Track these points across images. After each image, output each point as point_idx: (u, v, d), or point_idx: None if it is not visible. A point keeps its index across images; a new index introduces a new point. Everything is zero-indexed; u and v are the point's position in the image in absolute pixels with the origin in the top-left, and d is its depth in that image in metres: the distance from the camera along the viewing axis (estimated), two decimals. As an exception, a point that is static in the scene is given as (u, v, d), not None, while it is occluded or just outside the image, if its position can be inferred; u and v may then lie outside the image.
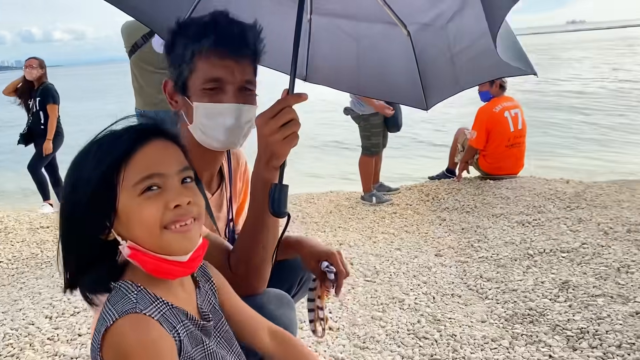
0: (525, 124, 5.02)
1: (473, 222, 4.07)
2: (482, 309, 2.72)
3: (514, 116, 4.91)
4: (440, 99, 1.72)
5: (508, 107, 4.93)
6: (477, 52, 1.45)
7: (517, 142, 4.95)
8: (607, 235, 3.37)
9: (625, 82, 15.65)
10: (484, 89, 5.01)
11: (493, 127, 4.87)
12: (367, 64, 1.77)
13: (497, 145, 4.90)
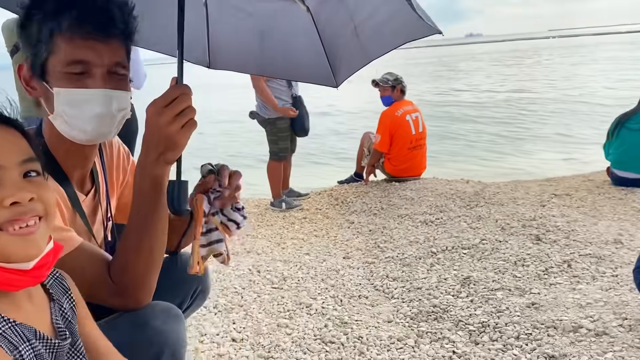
0: (425, 126, 5.17)
1: (380, 224, 4.10)
2: (388, 308, 2.71)
3: (415, 119, 5.04)
4: (349, 74, 1.69)
5: (409, 110, 5.05)
6: (380, 20, 1.43)
7: (419, 145, 5.08)
8: (504, 230, 3.50)
9: (512, 92, 16.80)
10: (386, 94, 5.11)
11: (396, 130, 4.96)
12: (271, 44, 1.70)
13: (401, 148, 5.00)
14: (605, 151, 4.68)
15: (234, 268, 3.31)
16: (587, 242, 3.15)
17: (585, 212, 3.89)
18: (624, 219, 3.70)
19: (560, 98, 14.43)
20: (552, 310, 2.38)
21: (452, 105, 15.12)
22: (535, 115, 12.07)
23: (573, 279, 2.70)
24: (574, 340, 2.13)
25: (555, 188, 4.65)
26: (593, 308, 2.34)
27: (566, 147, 8.44)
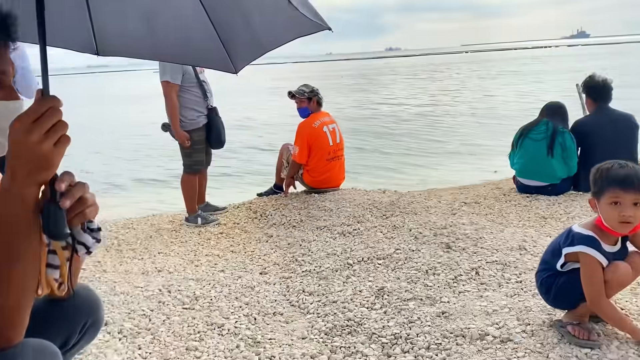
0: (342, 138, 5.21)
1: (299, 236, 4.06)
2: (303, 324, 2.66)
3: (332, 131, 5.07)
4: (247, 61, 1.70)
5: (326, 122, 5.08)
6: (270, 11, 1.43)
7: (337, 156, 5.11)
8: (417, 240, 3.57)
9: (426, 105, 17.51)
10: (302, 106, 5.10)
11: (313, 141, 4.96)
12: (161, 27, 1.64)
13: (319, 160, 5.00)
14: (511, 160, 4.91)
15: (143, 289, 3.14)
16: (494, 249, 3.27)
17: (493, 219, 4.05)
18: (528, 226, 3.89)
19: (469, 111, 15.20)
20: (460, 318, 2.43)
21: (370, 117, 15.53)
22: (447, 127, 12.61)
23: (480, 286, 2.78)
24: (481, 348, 2.17)
25: (466, 196, 4.82)
26: (499, 315, 2.41)
27: (475, 157, 8.85)
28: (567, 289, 2.07)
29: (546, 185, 4.59)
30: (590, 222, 2.08)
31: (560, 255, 2.07)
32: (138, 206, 6.27)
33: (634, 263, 2.05)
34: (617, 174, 1.95)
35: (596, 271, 1.97)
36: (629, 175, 1.94)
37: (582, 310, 2.09)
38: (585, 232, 2.02)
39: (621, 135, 4.58)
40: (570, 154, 4.52)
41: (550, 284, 2.14)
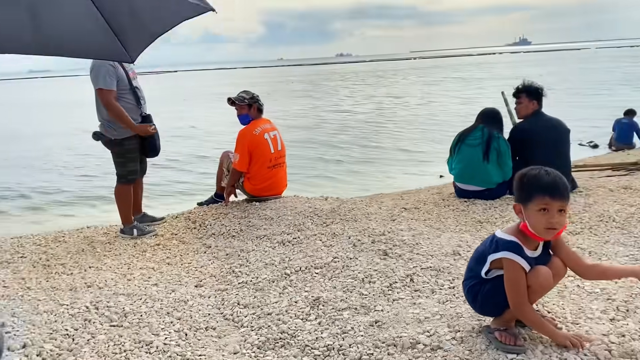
0: (284, 145, 5.16)
1: (238, 246, 3.98)
2: (236, 339, 2.58)
3: (274, 138, 5.01)
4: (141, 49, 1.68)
5: (267, 129, 5.01)
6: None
7: (279, 163, 5.05)
8: (355, 247, 3.55)
9: (372, 111, 17.74)
10: (243, 112, 5.01)
11: (254, 149, 4.89)
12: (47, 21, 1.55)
13: (260, 167, 4.93)
14: (449, 166, 4.99)
15: (69, 307, 2.98)
16: (429, 254, 3.29)
17: (431, 224, 4.09)
18: (465, 230, 3.95)
19: (413, 117, 15.52)
20: (393, 327, 2.42)
21: (316, 124, 15.60)
22: (392, 133, 12.82)
23: (414, 294, 2.78)
24: (412, 357, 2.16)
25: (407, 202, 4.87)
26: (430, 322, 2.41)
27: (421, 163, 9.01)
28: (492, 296, 2.09)
29: (483, 190, 4.69)
30: (513, 227, 2.10)
31: (485, 262, 2.09)
32: (72, 218, 6.03)
33: (555, 268, 2.09)
34: (546, 181, 1.97)
35: (519, 276, 2.00)
36: (557, 183, 1.96)
37: (508, 316, 2.11)
38: (508, 238, 2.04)
39: (558, 140, 4.73)
40: (505, 159, 4.63)
41: (476, 292, 2.15)
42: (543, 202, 1.96)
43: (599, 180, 5.49)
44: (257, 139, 4.91)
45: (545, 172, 2.00)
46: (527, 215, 2.01)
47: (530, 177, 2.00)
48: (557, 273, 2.10)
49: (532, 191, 1.98)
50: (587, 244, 3.51)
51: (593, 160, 9.06)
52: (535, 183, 1.98)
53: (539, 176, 1.99)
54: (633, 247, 3.42)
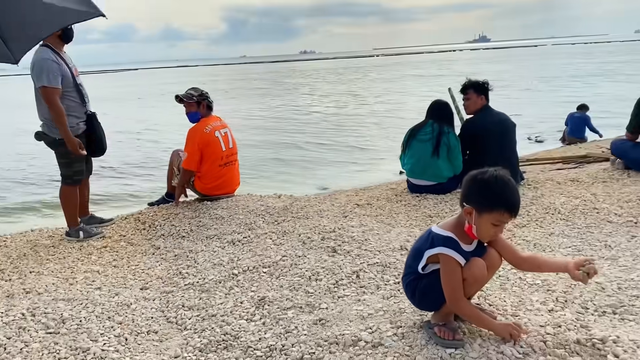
0: (235, 142, 5.08)
1: (187, 247, 3.90)
2: (178, 342, 2.51)
3: (224, 135, 4.93)
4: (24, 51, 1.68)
5: (217, 126, 4.93)
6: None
7: (231, 161, 4.98)
8: (304, 245, 3.52)
9: (332, 108, 17.79)
10: (192, 110, 4.91)
11: (205, 147, 4.79)
12: None
13: (211, 165, 4.84)
14: (402, 161, 5.01)
15: (3, 314, 2.85)
16: (377, 250, 3.29)
17: (382, 220, 4.10)
18: (415, 225, 3.97)
19: (373, 114, 15.64)
20: (337, 325, 2.40)
21: (276, 121, 15.55)
22: (351, 130, 12.87)
23: (359, 290, 2.77)
24: (353, 354, 2.14)
25: (360, 198, 4.86)
26: (373, 319, 2.39)
27: (375, 159, 9.06)
28: (430, 291, 2.09)
29: (434, 184, 4.73)
30: (450, 222, 2.10)
31: (422, 258, 2.08)
32: (15, 224, 5.81)
33: (490, 259, 2.10)
34: (513, 200, 1.93)
35: (455, 271, 2.00)
36: (518, 202, 1.95)
37: (446, 310, 2.11)
38: (444, 234, 2.04)
39: (505, 134, 4.81)
40: (455, 154, 4.68)
41: (414, 287, 2.15)
42: (502, 218, 1.95)
43: (549, 174, 5.61)
44: (208, 137, 4.82)
45: (511, 188, 1.95)
46: (478, 222, 1.98)
47: (498, 190, 1.93)
48: (492, 264, 2.12)
49: (496, 205, 1.93)
50: (533, 236, 3.57)
51: (546, 154, 9.29)
52: (502, 198, 1.93)
53: (506, 192, 1.93)
54: (576, 239, 3.50)
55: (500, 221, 1.96)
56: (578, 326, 2.15)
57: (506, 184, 1.94)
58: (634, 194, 4.27)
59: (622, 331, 2.14)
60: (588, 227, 3.68)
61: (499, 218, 1.95)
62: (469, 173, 2.05)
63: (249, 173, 8.27)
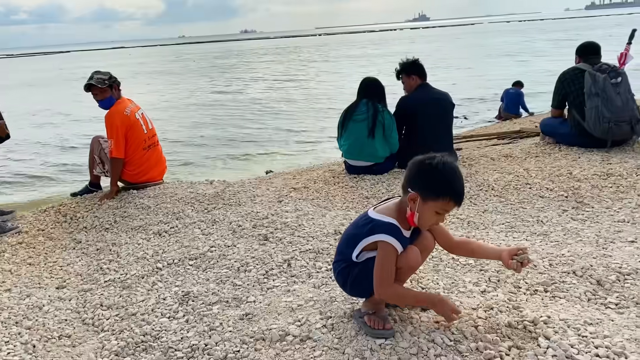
0: (152, 123, 4.79)
1: (110, 240, 3.64)
2: (92, 346, 2.31)
3: (142, 116, 4.64)
4: None
5: (134, 108, 4.61)
6: None
7: (153, 143, 4.68)
8: (235, 233, 3.35)
9: (267, 89, 17.53)
10: (106, 96, 4.50)
11: (128, 131, 4.49)
12: None
13: (135, 150, 4.54)
14: (339, 143, 4.89)
15: None
16: (310, 236, 3.16)
17: (318, 203, 3.97)
18: (351, 207, 3.86)
19: (311, 95, 15.52)
20: (264, 319, 2.26)
21: (212, 104, 15.16)
22: (285, 112, 12.70)
23: (290, 280, 2.63)
24: (280, 350, 2.01)
25: (297, 181, 4.71)
26: (302, 310, 2.27)
27: (312, 141, 8.94)
28: (362, 279, 1.98)
29: (371, 165, 4.64)
30: (390, 207, 1.97)
31: (357, 245, 1.96)
32: None
33: (424, 243, 2.01)
34: (459, 190, 1.84)
35: (391, 259, 1.89)
36: (463, 192, 1.86)
37: (377, 297, 2.01)
38: (386, 220, 1.92)
39: (442, 113, 4.76)
40: (390, 132, 4.60)
41: (346, 275, 2.03)
42: (447, 207, 1.85)
43: (484, 150, 5.65)
44: (129, 120, 4.49)
45: (459, 176, 1.85)
46: (422, 210, 1.86)
47: (445, 178, 1.83)
48: (426, 248, 2.04)
49: (442, 193, 1.83)
50: (467, 214, 3.55)
51: (482, 130, 9.45)
52: (449, 187, 1.83)
53: (454, 181, 1.83)
54: (509, 215, 3.50)
55: (444, 210, 1.86)
56: (510, 307, 2.11)
57: (454, 171, 1.84)
58: (564, 168, 4.33)
59: (553, 310, 2.11)
60: (521, 203, 3.70)
61: (443, 207, 1.85)
62: (414, 157, 1.92)
63: (177, 160, 7.99)
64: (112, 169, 4.60)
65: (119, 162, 4.55)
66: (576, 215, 3.39)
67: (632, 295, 2.24)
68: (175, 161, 7.75)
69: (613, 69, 4.68)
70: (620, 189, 3.77)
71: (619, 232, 3.06)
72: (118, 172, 4.58)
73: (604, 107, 4.58)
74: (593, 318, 2.01)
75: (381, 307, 2.04)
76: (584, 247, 2.81)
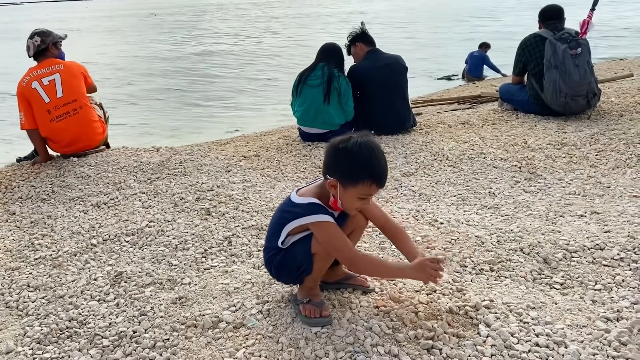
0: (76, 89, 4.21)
1: (46, 212, 3.42)
2: (14, 333, 2.15)
3: (49, 84, 4.12)
4: None
5: (40, 75, 4.15)
6: None
7: (65, 112, 4.16)
8: (176, 207, 3.18)
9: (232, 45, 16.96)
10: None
11: (28, 102, 4.13)
12: None
13: (42, 122, 4.15)
14: (293, 108, 4.72)
15: None
16: (255, 211, 3.02)
17: (268, 173, 3.82)
18: (302, 178, 3.73)
19: (269, 51, 15.11)
20: (198, 303, 2.13)
21: (172, 64, 14.61)
22: (246, 71, 12.33)
23: (229, 259, 2.50)
24: (212, 338, 1.90)
25: (249, 149, 4.54)
26: (239, 294, 2.15)
27: (271, 104, 8.69)
28: (286, 264, 1.88)
29: (326, 132, 4.49)
30: (310, 190, 1.86)
31: (282, 231, 1.84)
32: None
33: (354, 223, 1.93)
34: (377, 169, 1.71)
35: (335, 231, 1.77)
36: (385, 171, 1.73)
37: (309, 283, 1.91)
38: (307, 201, 1.80)
39: (394, 78, 4.64)
40: (346, 99, 4.45)
41: (272, 262, 1.92)
42: (369, 190, 1.72)
43: (442, 116, 5.55)
44: (25, 90, 4.12)
45: (377, 156, 1.72)
46: (343, 195, 1.75)
47: (362, 161, 1.70)
48: (359, 226, 1.94)
49: (361, 177, 1.70)
50: (419, 185, 3.46)
51: (444, 93, 9.38)
52: (368, 169, 1.70)
53: (372, 162, 1.70)
54: (462, 187, 3.44)
55: (366, 194, 1.74)
56: (453, 290, 2.04)
57: (371, 152, 1.70)
58: (520, 136, 4.29)
59: (497, 292, 2.05)
60: (474, 174, 3.64)
61: (365, 191, 1.72)
62: (330, 141, 1.80)
63: (128, 123, 7.66)
64: (34, 143, 4.34)
65: (33, 133, 4.23)
66: (528, 187, 3.36)
67: (577, 274, 2.21)
68: (123, 124, 7.46)
69: (574, 37, 4.58)
70: (573, 159, 3.75)
71: (569, 205, 3.03)
72: (38, 143, 4.27)
73: (561, 80, 4.52)
74: (536, 302, 1.96)
75: (316, 294, 1.93)
76: (533, 222, 2.77)
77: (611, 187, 3.26)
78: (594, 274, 2.19)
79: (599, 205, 2.98)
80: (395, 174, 3.67)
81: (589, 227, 2.65)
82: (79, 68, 4.35)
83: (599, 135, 4.13)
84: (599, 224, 2.69)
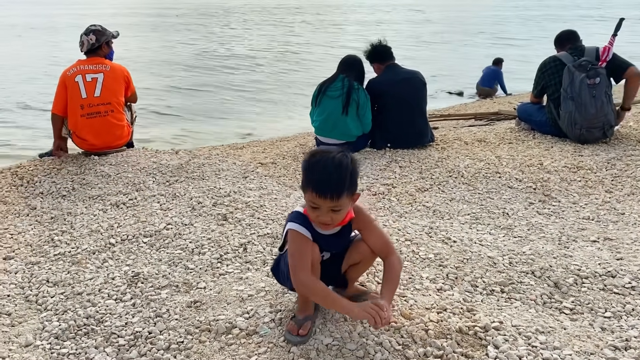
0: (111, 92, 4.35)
1: (66, 209, 3.50)
2: (33, 327, 2.22)
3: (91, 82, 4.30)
4: None
5: (85, 70, 4.32)
6: None
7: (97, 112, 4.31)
8: (194, 211, 3.24)
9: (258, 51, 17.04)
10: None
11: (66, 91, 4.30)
12: None
13: (72, 114, 4.31)
14: (311, 118, 4.77)
15: None
16: (271, 219, 3.07)
17: (284, 182, 3.88)
18: (318, 188, 3.78)
19: (296, 59, 15.19)
20: (213, 308, 2.18)
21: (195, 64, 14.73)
22: (276, 77, 12.41)
23: (244, 266, 2.55)
24: (225, 344, 1.95)
25: (266, 156, 4.60)
26: (253, 301, 2.20)
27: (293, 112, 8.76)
28: (281, 270, 2.00)
29: (343, 143, 4.53)
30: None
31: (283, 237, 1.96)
32: None
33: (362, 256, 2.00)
34: (317, 178, 1.72)
35: (300, 244, 1.82)
36: (325, 181, 1.72)
37: (301, 299, 2.00)
38: (296, 210, 1.92)
39: (413, 93, 4.68)
40: (364, 111, 4.49)
41: (273, 266, 2.05)
42: (314, 199, 1.75)
43: (460, 131, 5.58)
44: (68, 79, 4.29)
45: (322, 166, 1.73)
46: (306, 203, 1.83)
47: (307, 170, 1.76)
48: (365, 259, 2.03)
49: (305, 184, 1.77)
50: (433, 202, 3.49)
51: (461, 108, 9.39)
52: (309, 176, 1.75)
53: (314, 172, 1.74)
54: (476, 205, 3.46)
55: (314, 202, 1.77)
56: (464, 310, 2.06)
57: (324, 163, 1.73)
58: (536, 157, 4.29)
59: (507, 314, 2.08)
60: (489, 193, 3.66)
61: (312, 199, 1.76)
62: None
63: (152, 121, 7.78)
64: (52, 124, 4.50)
65: (56, 118, 4.42)
66: (542, 209, 3.37)
67: (588, 300, 2.22)
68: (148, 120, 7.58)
69: (593, 66, 4.56)
70: (588, 183, 3.76)
71: (583, 229, 3.04)
72: (56, 127, 4.45)
73: (577, 113, 4.53)
74: (545, 326, 1.98)
75: (305, 308, 1.97)
76: (545, 245, 2.78)
77: (626, 214, 3.26)
78: (604, 301, 2.21)
79: (613, 232, 2.99)
80: (409, 189, 3.70)
81: (602, 253, 2.67)
82: (123, 72, 4.50)
83: (616, 160, 4.13)
84: (611, 250, 2.71)
